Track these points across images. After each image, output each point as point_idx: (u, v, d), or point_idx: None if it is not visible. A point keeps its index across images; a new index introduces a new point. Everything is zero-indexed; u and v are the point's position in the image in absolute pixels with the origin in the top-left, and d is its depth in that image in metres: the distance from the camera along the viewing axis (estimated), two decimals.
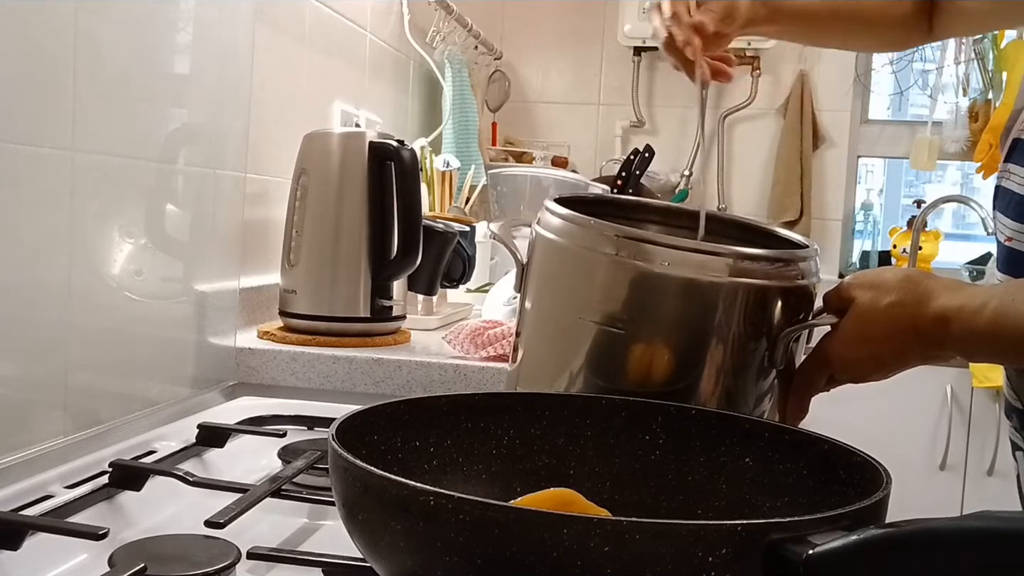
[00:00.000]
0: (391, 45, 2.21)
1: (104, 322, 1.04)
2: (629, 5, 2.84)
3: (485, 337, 1.33)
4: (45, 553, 0.69)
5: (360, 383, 1.31)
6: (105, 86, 1.01)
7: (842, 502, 0.52)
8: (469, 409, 0.71)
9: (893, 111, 3.17)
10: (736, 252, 0.77)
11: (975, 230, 3.00)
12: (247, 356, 1.34)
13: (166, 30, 1.14)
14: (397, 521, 0.50)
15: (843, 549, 0.46)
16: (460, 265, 1.66)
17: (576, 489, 0.63)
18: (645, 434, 0.72)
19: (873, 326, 0.78)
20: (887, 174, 3.51)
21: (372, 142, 1.41)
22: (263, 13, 1.53)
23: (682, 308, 0.77)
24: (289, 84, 1.67)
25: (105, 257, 1.04)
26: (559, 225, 0.81)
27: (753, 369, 0.79)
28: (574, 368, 0.80)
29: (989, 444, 2.37)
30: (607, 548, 0.45)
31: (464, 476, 0.69)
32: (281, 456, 0.93)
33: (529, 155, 2.79)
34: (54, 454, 0.91)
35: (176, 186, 1.17)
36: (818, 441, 0.66)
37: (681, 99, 3.00)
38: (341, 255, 1.40)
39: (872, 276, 0.80)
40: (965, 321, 0.74)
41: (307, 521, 0.82)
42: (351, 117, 1.95)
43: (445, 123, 2.39)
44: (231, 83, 1.30)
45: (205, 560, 0.67)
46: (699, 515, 0.68)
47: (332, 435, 0.57)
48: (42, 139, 0.92)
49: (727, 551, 0.46)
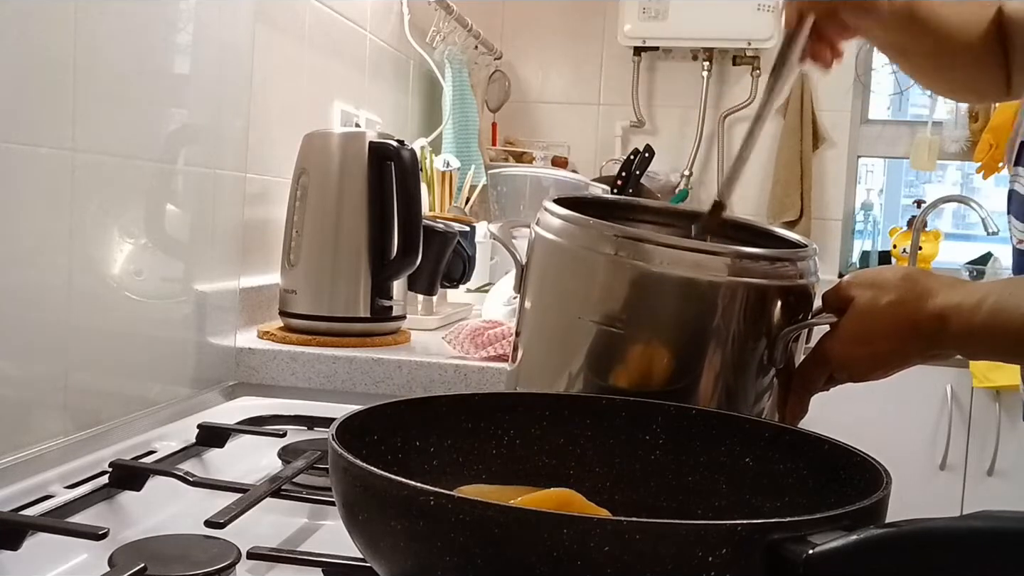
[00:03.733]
0: (391, 45, 2.21)
1: (104, 322, 1.04)
2: (629, 5, 2.84)
3: (485, 337, 1.33)
4: (45, 553, 0.69)
5: (360, 383, 1.31)
6: (105, 86, 1.01)
7: (842, 502, 0.52)
8: (469, 409, 0.71)
9: (893, 111, 3.17)
10: (735, 251, 0.77)
11: (975, 230, 3.00)
12: (247, 356, 1.34)
13: (166, 30, 1.14)
14: (397, 521, 0.50)
15: (843, 549, 0.46)
16: (460, 265, 1.66)
17: (576, 489, 0.63)
18: (645, 434, 0.72)
19: (872, 325, 0.78)
20: (887, 174, 3.51)
21: (372, 142, 1.41)
22: (263, 13, 1.53)
23: (681, 307, 0.77)
24: (289, 84, 1.67)
25: (105, 257, 1.04)
26: (558, 225, 0.81)
27: (752, 368, 0.79)
28: (574, 368, 0.80)
29: (989, 444, 2.37)
30: (607, 548, 0.45)
31: (464, 476, 0.69)
32: (281, 456, 0.93)
33: (529, 155, 2.78)
34: (54, 454, 0.91)
35: (176, 186, 1.17)
36: (818, 441, 0.66)
37: (681, 99, 3.00)
38: (341, 255, 1.40)
39: (871, 275, 0.80)
40: (963, 318, 0.74)
41: (307, 521, 0.82)
42: (351, 117, 1.95)
43: (445, 123, 2.39)
44: (231, 83, 1.30)
45: (205, 560, 0.67)
46: (699, 515, 0.68)
47: (332, 435, 0.57)
48: (42, 139, 0.92)
49: (727, 551, 0.46)
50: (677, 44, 2.93)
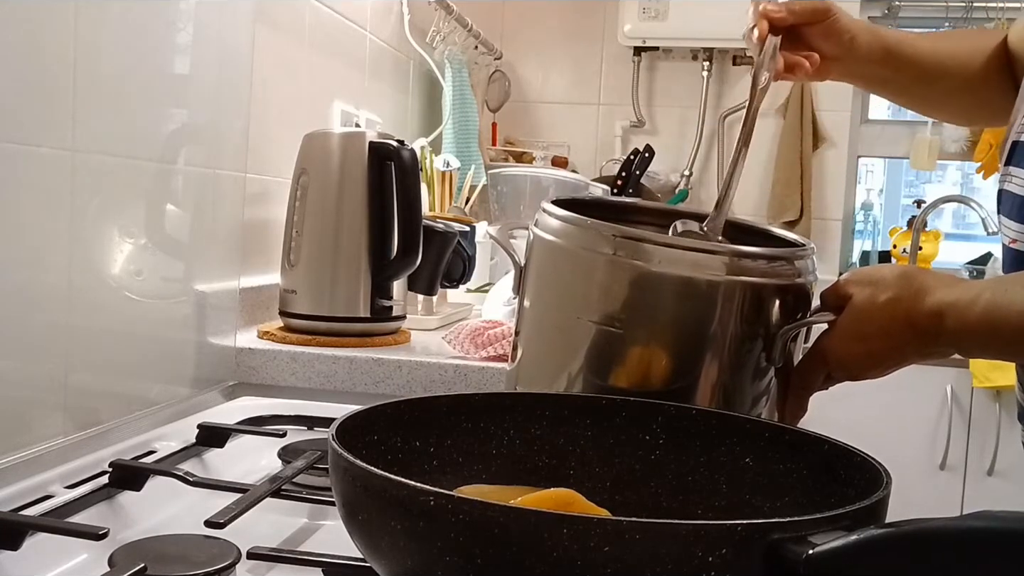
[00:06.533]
0: (391, 45, 2.21)
1: (104, 322, 1.04)
2: (629, 5, 2.84)
3: (485, 337, 1.33)
4: (45, 553, 0.69)
5: (360, 383, 1.31)
6: (105, 86, 1.01)
7: (842, 502, 0.52)
8: (469, 409, 0.71)
9: (893, 111, 3.17)
10: (733, 250, 0.78)
11: (975, 230, 3.00)
12: (247, 356, 1.34)
13: (166, 30, 1.14)
14: (397, 521, 0.50)
15: (843, 549, 0.46)
16: (460, 265, 1.66)
17: (576, 489, 0.63)
18: (645, 434, 0.72)
19: (870, 323, 0.78)
20: (887, 174, 3.51)
21: (372, 142, 1.41)
22: (263, 13, 1.53)
23: (680, 307, 0.77)
24: (289, 84, 1.67)
25: (105, 257, 1.04)
26: (557, 226, 0.81)
27: (751, 367, 0.79)
28: (573, 368, 0.80)
29: (989, 444, 2.37)
30: (607, 548, 0.45)
31: (464, 476, 0.69)
32: (281, 456, 0.93)
33: (529, 155, 2.79)
34: (54, 454, 0.90)
35: (176, 186, 1.18)
36: (818, 441, 0.66)
37: (681, 99, 3.00)
38: (341, 255, 1.40)
39: (869, 273, 0.81)
40: (958, 315, 0.74)
41: (307, 521, 0.82)
42: (351, 117, 1.95)
43: (445, 123, 2.39)
44: (231, 83, 1.30)
45: (205, 560, 0.67)
46: (699, 515, 0.68)
47: (332, 435, 0.57)
48: (42, 139, 0.92)
49: (727, 551, 0.46)
50: (677, 44, 2.93)
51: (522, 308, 0.86)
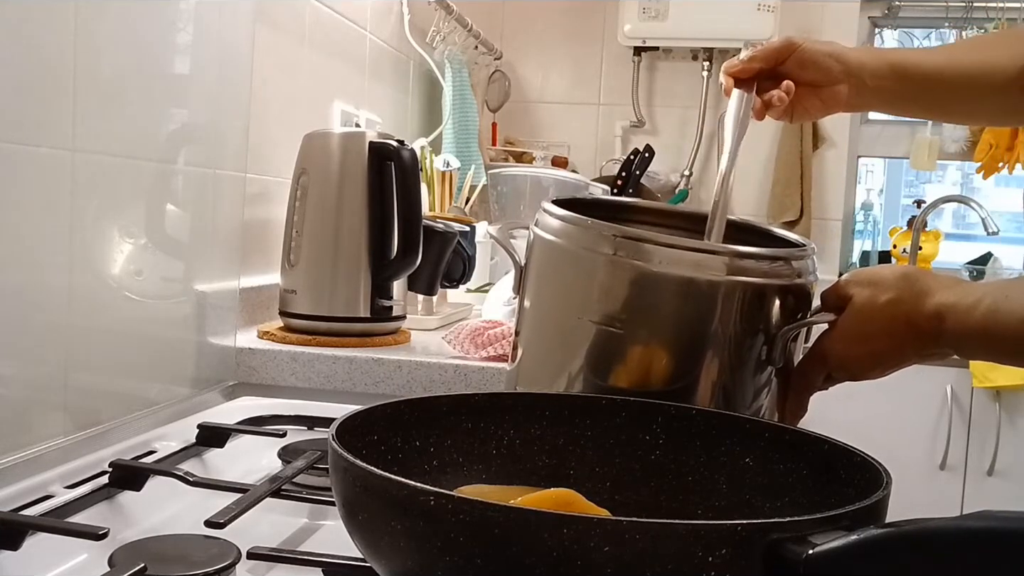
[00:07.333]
0: (391, 45, 2.21)
1: (104, 322, 1.04)
2: (629, 5, 2.84)
3: (485, 337, 1.33)
4: (45, 553, 0.69)
5: (360, 383, 1.31)
6: (105, 86, 1.01)
7: (842, 502, 0.52)
8: (469, 409, 0.71)
9: None
10: (734, 251, 0.77)
11: (975, 230, 3.00)
12: (247, 356, 1.34)
13: (166, 30, 1.14)
14: (397, 521, 0.50)
15: (843, 549, 0.46)
16: (460, 265, 1.66)
17: (576, 489, 0.63)
18: (645, 434, 0.72)
19: (870, 323, 0.78)
20: (887, 174, 3.51)
21: (372, 142, 1.41)
22: (263, 13, 1.53)
23: (680, 307, 0.77)
24: (289, 84, 1.67)
25: (105, 257, 1.04)
26: (557, 226, 0.81)
27: (751, 367, 0.79)
28: (573, 368, 0.80)
29: (989, 444, 2.37)
30: (607, 548, 0.45)
31: (464, 476, 0.69)
32: (281, 456, 0.93)
33: (529, 155, 2.79)
34: (54, 454, 0.90)
35: (176, 186, 1.18)
36: (818, 441, 0.66)
37: (681, 99, 3.00)
38: (341, 255, 1.40)
39: (869, 273, 0.81)
40: (958, 318, 0.74)
41: (307, 521, 0.82)
42: (351, 117, 1.95)
43: (445, 123, 2.39)
44: (231, 83, 1.30)
45: (205, 560, 0.67)
46: (699, 515, 0.68)
47: (332, 435, 0.57)
48: (42, 139, 0.92)
49: (727, 551, 0.46)
50: (677, 44, 2.93)
51: (522, 308, 0.86)
